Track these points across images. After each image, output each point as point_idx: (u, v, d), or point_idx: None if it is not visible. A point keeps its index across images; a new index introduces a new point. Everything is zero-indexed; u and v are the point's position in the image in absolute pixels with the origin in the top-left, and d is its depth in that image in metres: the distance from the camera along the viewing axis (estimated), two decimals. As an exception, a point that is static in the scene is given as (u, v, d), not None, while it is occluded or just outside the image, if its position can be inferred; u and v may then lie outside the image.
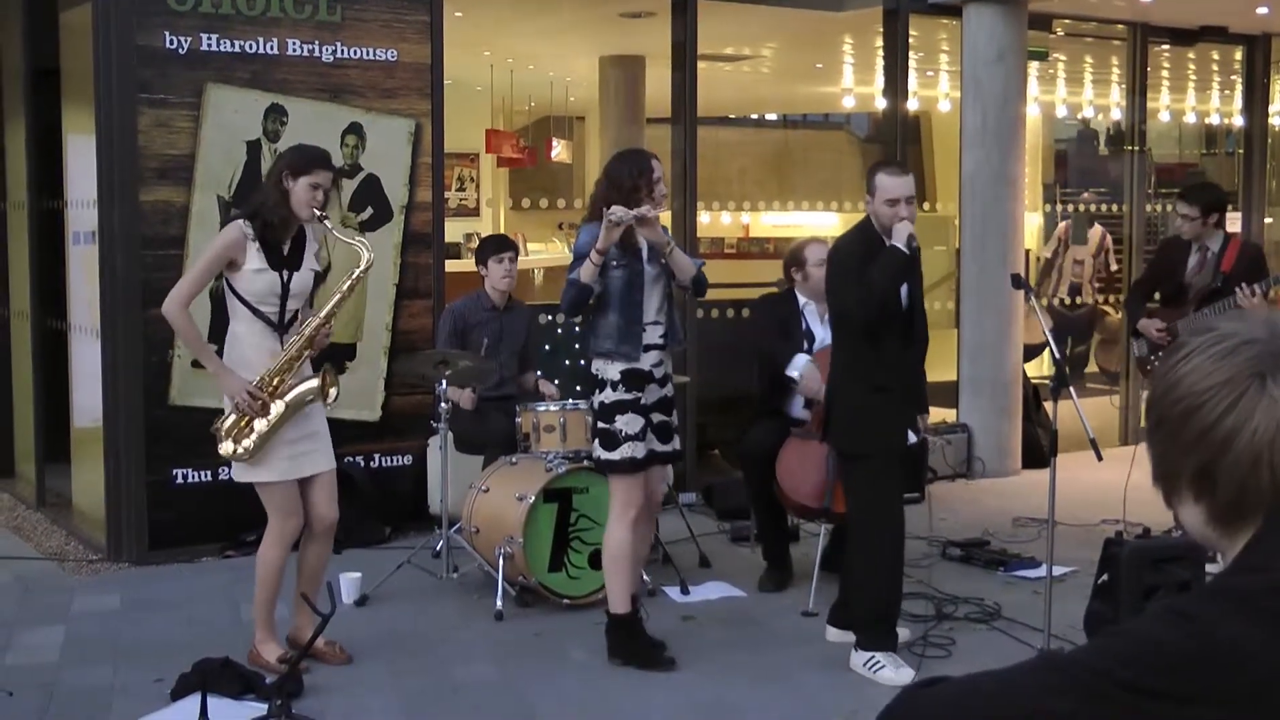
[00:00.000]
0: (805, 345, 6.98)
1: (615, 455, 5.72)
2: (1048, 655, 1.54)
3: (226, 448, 5.52)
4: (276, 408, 5.49)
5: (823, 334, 6.99)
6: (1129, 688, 1.42)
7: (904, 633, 5.95)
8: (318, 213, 5.56)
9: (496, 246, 7.69)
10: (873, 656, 5.67)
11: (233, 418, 5.49)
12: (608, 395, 5.73)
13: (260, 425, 5.48)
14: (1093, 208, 12.25)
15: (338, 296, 5.70)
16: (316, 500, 5.73)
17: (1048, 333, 6.15)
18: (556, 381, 7.95)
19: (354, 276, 5.74)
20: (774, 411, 7.09)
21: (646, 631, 5.94)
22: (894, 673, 5.59)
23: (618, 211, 5.53)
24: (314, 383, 5.59)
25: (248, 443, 5.50)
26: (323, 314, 5.64)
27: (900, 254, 5.58)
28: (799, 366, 6.84)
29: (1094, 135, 17.00)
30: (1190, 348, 1.54)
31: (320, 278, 5.84)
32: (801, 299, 7.10)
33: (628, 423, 5.70)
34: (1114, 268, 11.91)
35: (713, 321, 9.60)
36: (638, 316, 5.71)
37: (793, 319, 7.08)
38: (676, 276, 5.80)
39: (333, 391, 5.65)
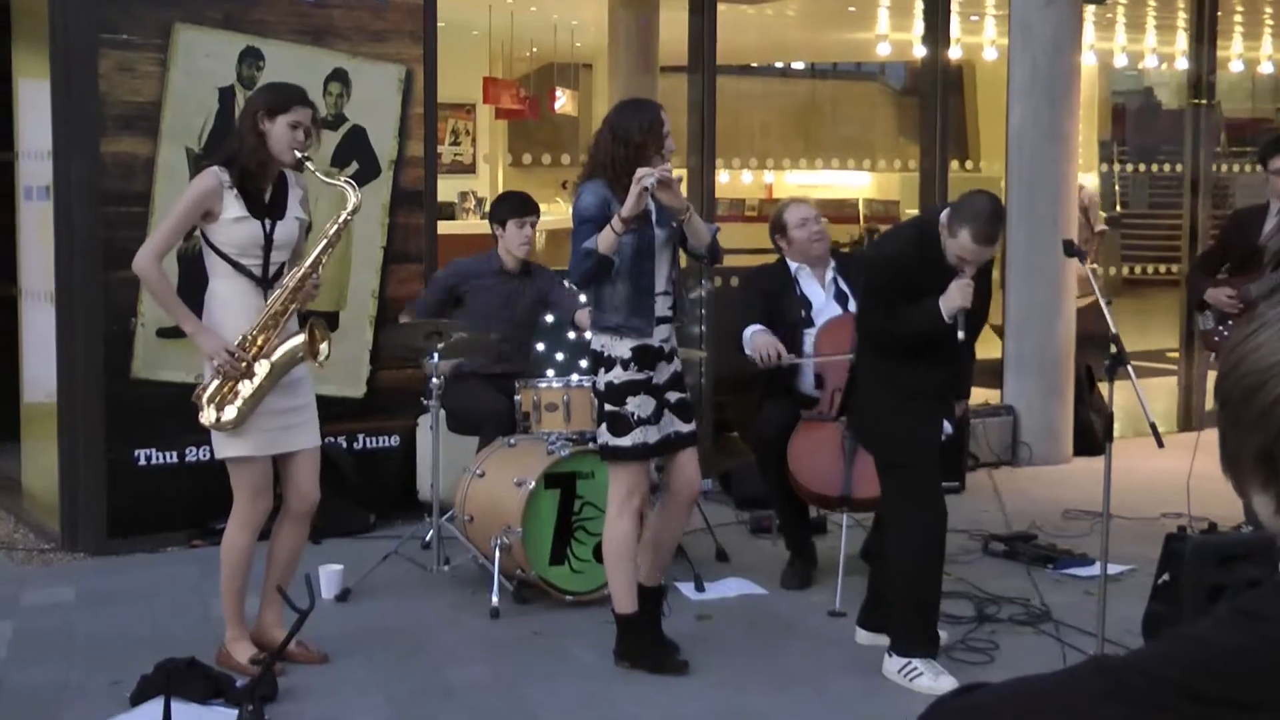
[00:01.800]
0: (802, 313, 6.97)
1: (626, 441, 5.66)
2: (1098, 660, 1.54)
3: (208, 415, 5.45)
4: (261, 368, 5.47)
5: (823, 300, 7.00)
6: (1187, 694, 1.42)
7: (941, 635, 5.92)
8: (299, 155, 5.53)
9: (519, 208, 7.62)
10: (909, 662, 5.63)
11: (215, 383, 5.45)
12: (616, 375, 5.67)
13: (245, 389, 5.45)
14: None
15: (324, 242, 5.63)
16: (300, 478, 5.71)
17: (1104, 305, 6.12)
18: (560, 357, 7.92)
19: (341, 220, 5.69)
20: (784, 389, 7.07)
21: (662, 631, 5.93)
22: (932, 680, 5.54)
23: (647, 176, 5.45)
24: (299, 339, 5.56)
25: (232, 410, 5.46)
26: (308, 262, 5.59)
27: (940, 325, 5.51)
28: (747, 341, 6.88)
29: (1156, 87, 16.94)
30: (1261, 321, 1.52)
31: (305, 231, 5.80)
32: (793, 265, 7.11)
33: (640, 405, 5.66)
34: (1099, 229, 11.82)
35: (731, 291, 9.56)
36: (649, 286, 5.66)
37: (785, 290, 7.06)
38: (690, 243, 5.76)
39: (323, 348, 5.60)
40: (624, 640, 5.84)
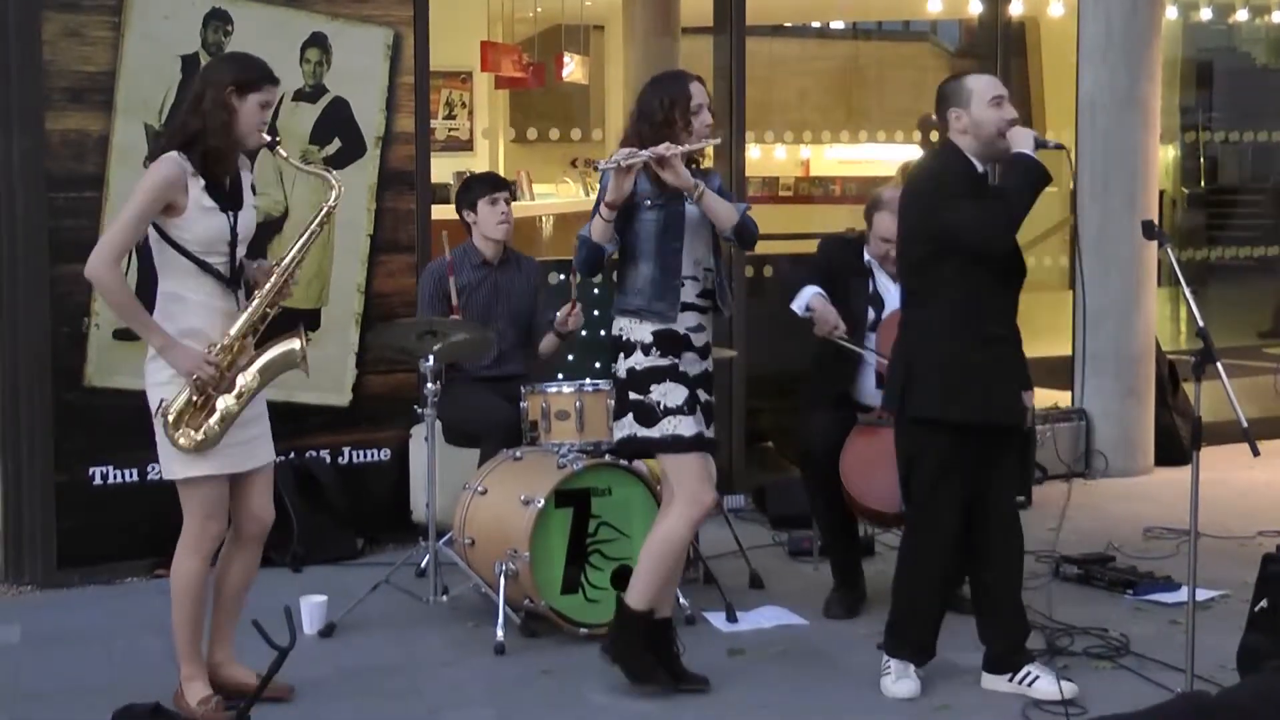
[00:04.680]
0: (869, 312, 6.95)
1: (654, 433, 5.73)
2: (1190, 699, 1.52)
3: (188, 438, 5.38)
4: (246, 380, 5.43)
5: (897, 302, 6.95)
6: None
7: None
8: (267, 137, 5.50)
9: (489, 185, 7.67)
10: (886, 661, 5.92)
11: (183, 398, 5.38)
12: (638, 360, 5.74)
13: (225, 404, 5.40)
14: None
15: (303, 239, 5.61)
16: (255, 499, 5.68)
17: (1189, 296, 6.08)
18: (570, 358, 7.91)
19: (323, 212, 5.66)
20: (838, 396, 7.03)
21: (680, 661, 5.96)
22: (892, 684, 5.87)
23: (617, 156, 5.58)
24: (295, 343, 5.54)
25: (211, 425, 5.42)
26: (286, 260, 5.57)
27: (1033, 161, 5.54)
28: (806, 299, 6.84)
29: (1249, 44, 16.84)
30: None
31: (276, 225, 5.77)
32: (868, 255, 7.08)
33: (666, 393, 5.71)
34: None
35: (765, 281, 9.55)
36: (675, 267, 5.74)
37: (856, 275, 7.04)
38: (716, 227, 5.81)
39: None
40: (621, 635, 5.88)
